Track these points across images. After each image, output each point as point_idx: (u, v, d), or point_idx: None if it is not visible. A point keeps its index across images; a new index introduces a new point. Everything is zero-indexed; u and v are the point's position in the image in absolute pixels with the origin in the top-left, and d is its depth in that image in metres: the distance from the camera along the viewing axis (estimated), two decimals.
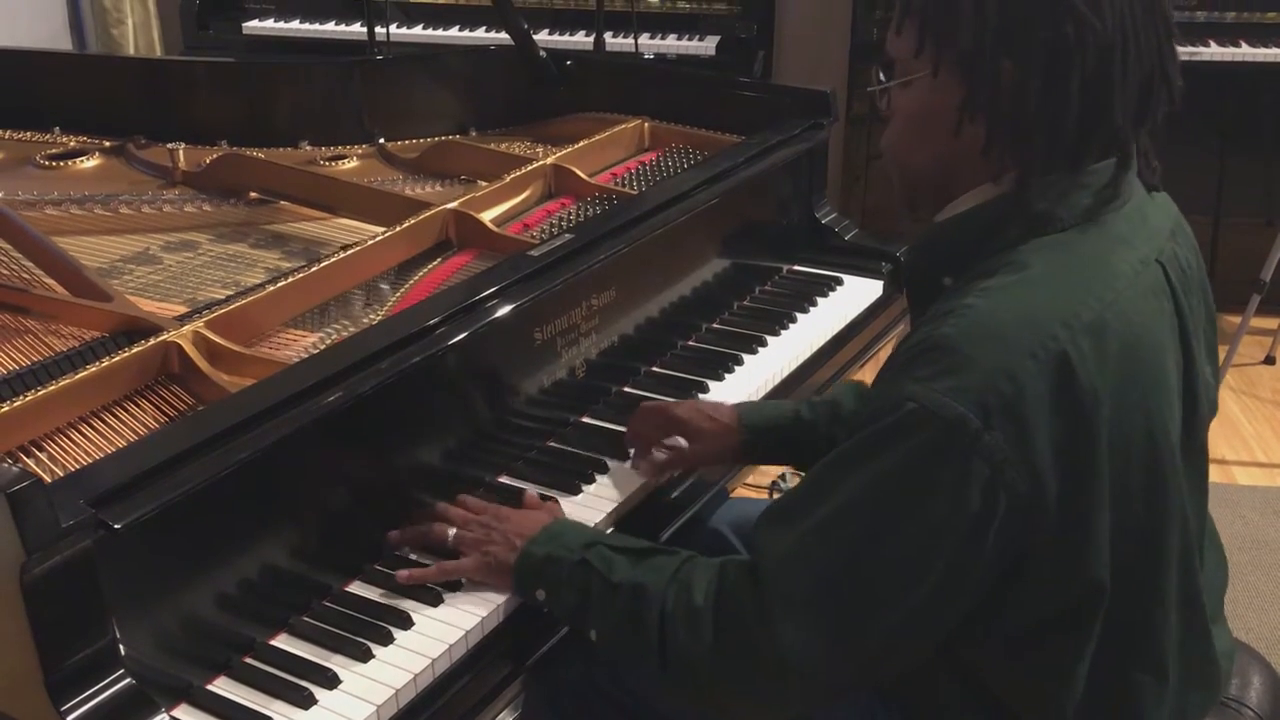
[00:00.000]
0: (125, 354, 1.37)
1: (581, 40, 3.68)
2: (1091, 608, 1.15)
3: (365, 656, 1.22)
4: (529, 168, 1.99)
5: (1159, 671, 1.21)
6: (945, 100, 1.17)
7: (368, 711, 1.16)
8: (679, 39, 3.70)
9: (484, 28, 3.72)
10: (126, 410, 1.34)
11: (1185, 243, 1.27)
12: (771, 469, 2.73)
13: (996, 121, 1.16)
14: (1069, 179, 1.17)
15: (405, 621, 1.27)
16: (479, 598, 1.31)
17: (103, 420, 1.32)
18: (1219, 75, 3.59)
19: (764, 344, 1.89)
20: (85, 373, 1.32)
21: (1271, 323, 3.70)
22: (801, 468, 1.64)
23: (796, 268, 2.15)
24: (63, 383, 1.30)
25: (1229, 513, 2.95)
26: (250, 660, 1.22)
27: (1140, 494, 1.15)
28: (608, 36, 3.22)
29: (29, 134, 2.31)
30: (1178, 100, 1.20)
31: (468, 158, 2.15)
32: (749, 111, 2.19)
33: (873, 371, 1.35)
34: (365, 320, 1.59)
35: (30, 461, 1.25)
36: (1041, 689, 1.19)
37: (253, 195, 2.03)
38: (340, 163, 2.20)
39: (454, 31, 3.75)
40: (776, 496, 1.38)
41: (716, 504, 1.66)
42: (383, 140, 2.31)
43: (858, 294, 2.09)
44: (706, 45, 3.67)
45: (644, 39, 3.61)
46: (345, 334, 1.54)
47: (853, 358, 2.02)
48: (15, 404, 1.26)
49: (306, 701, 1.16)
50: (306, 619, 1.27)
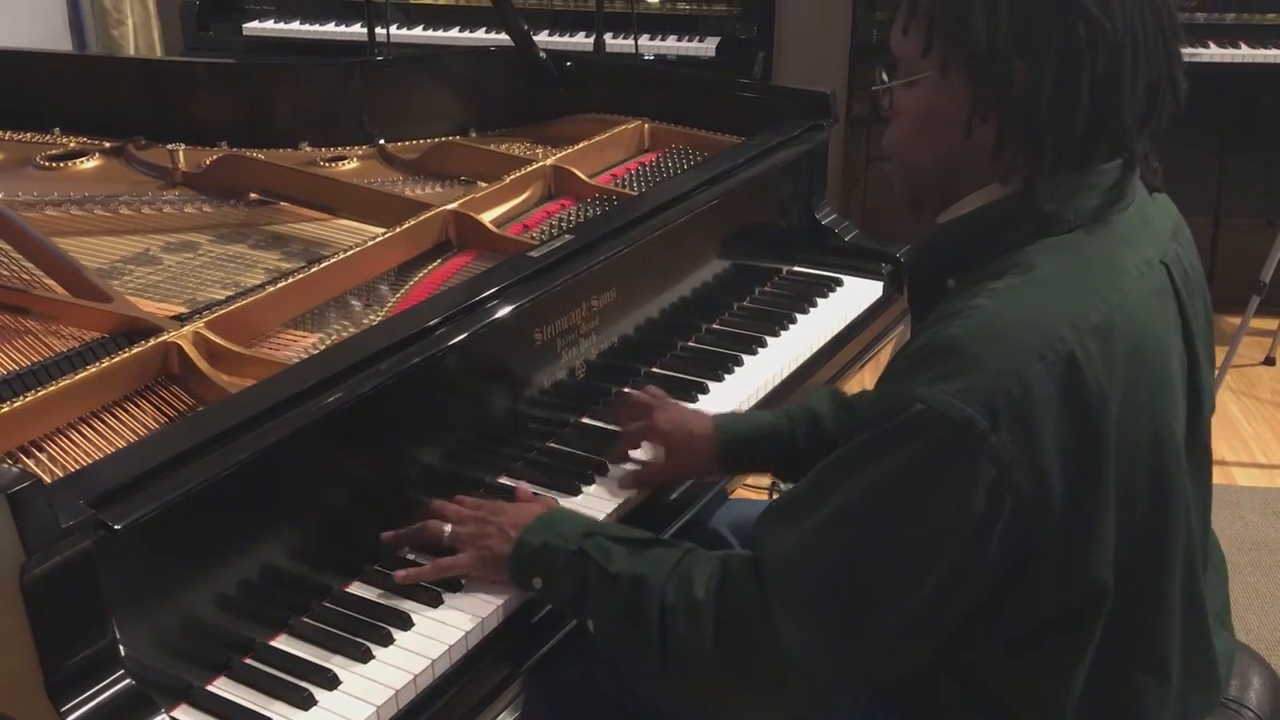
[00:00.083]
0: (125, 354, 1.37)
1: (581, 41, 3.68)
2: (1094, 608, 1.15)
3: (365, 657, 1.22)
4: (529, 169, 1.99)
5: (1161, 673, 1.21)
6: (952, 100, 1.17)
7: (368, 712, 1.16)
8: (679, 40, 3.70)
9: (484, 29, 3.72)
10: (126, 411, 1.34)
11: (1186, 244, 1.28)
12: None
13: (1008, 122, 1.16)
14: (1077, 180, 1.17)
15: (405, 622, 1.27)
16: (479, 599, 1.31)
17: (103, 421, 1.32)
18: (1219, 76, 3.60)
19: (764, 345, 1.89)
20: (85, 373, 1.32)
21: (1271, 324, 3.71)
22: (782, 479, 1.64)
23: (796, 269, 2.15)
24: (63, 383, 1.30)
25: (1228, 514, 2.96)
26: (250, 661, 1.22)
27: (1145, 495, 1.15)
28: (608, 37, 3.22)
29: (29, 135, 2.31)
30: (1182, 102, 1.20)
31: (468, 159, 2.15)
32: (749, 113, 2.19)
33: (872, 372, 1.35)
34: (365, 321, 1.59)
35: (30, 462, 1.25)
36: (1042, 689, 1.19)
37: (253, 196, 2.03)
38: (340, 164, 2.20)
39: (454, 32, 3.75)
40: (776, 497, 1.37)
41: (716, 505, 1.66)
42: (383, 141, 2.31)
43: (857, 295, 2.09)
44: (706, 46, 3.67)
45: (644, 40, 3.61)
46: (345, 335, 1.54)
47: (853, 358, 2.02)
48: (15, 404, 1.26)
49: (306, 702, 1.16)
50: (306, 620, 1.27)
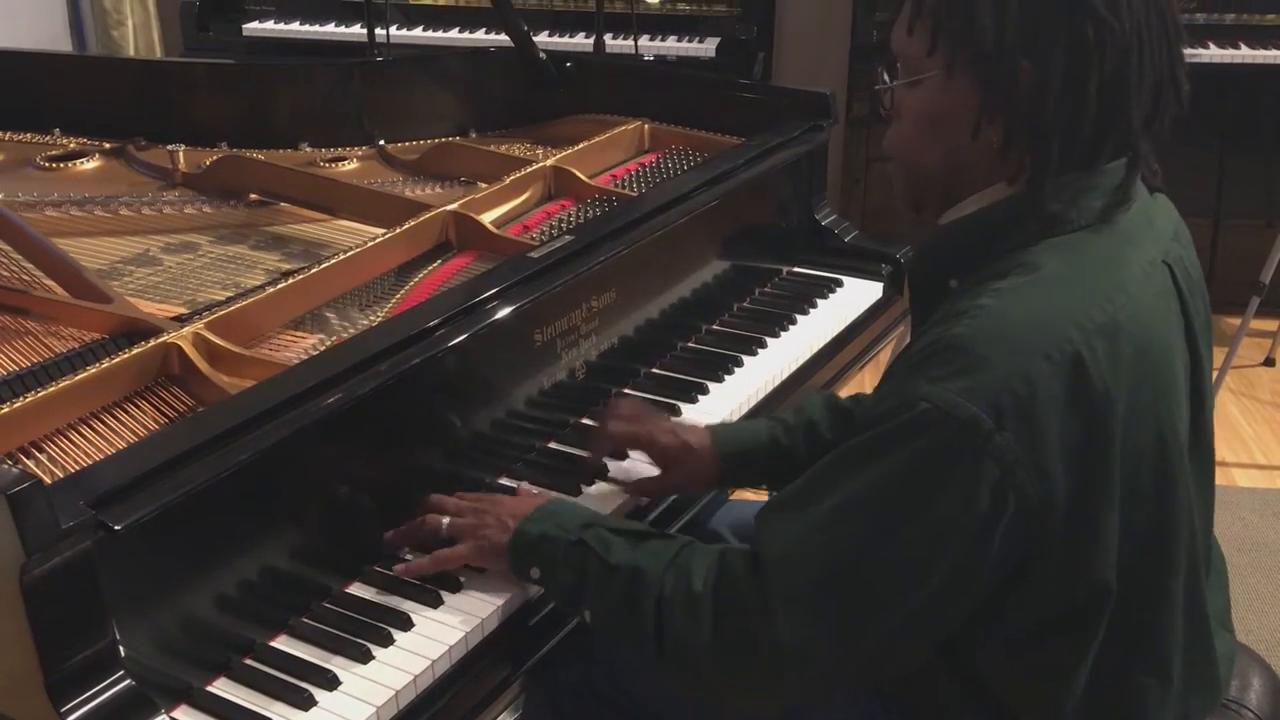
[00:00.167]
0: (125, 355, 1.37)
1: (581, 42, 3.68)
2: (1096, 609, 1.15)
3: (365, 658, 1.22)
4: (529, 169, 1.99)
5: (1163, 673, 1.21)
6: (958, 100, 1.17)
7: (367, 713, 1.16)
8: (679, 41, 3.70)
9: (484, 29, 3.72)
10: (126, 411, 1.34)
11: (1186, 244, 1.28)
12: None
13: (1014, 123, 1.16)
14: (1082, 180, 1.17)
15: (405, 623, 1.27)
16: (478, 600, 1.31)
17: (103, 421, 1.32)
18: (1219, 77, 3.60)
19: (764, 345, 1.89)
20: (85, 374, 1.32)
21: (1271, 324, 3.70)
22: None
23: (796, 269, 2.15)
24: (63, 384, 1.30)
25: (1228, 515, 2.95)
26: (250, 661, 1.22)
27: (1149, 496, 1.15)
28: (608, 38, 3.22)
29: (29, 135, 2.31)
30: (1185, 103, 1.20)
31: (468, 159, 2.15)
32: (749, 113, 2.19)
33: (872, 373, 1.35)
34: (365, 322, 1.59)
35: (30, 463, 1.25)
36: (1043, 690, 1.19)
37: (253, 197, 2.03)
38: (340, 164, 2.20)
39: (454, 33, 3.75)
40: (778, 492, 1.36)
41: (716, 506, 1.66)
42: (383, 142, 2.31)
43: (857, 296, 2.09)
44: (706, 47, 3.67)
45: (644, 41, 3.61)
46: (345, 335, 1.54)
47: (853, 359, 2.02)
48: (15, 405, 1.25)
49: (306, 703, 1.16)
50: (306, 620, 1.27)
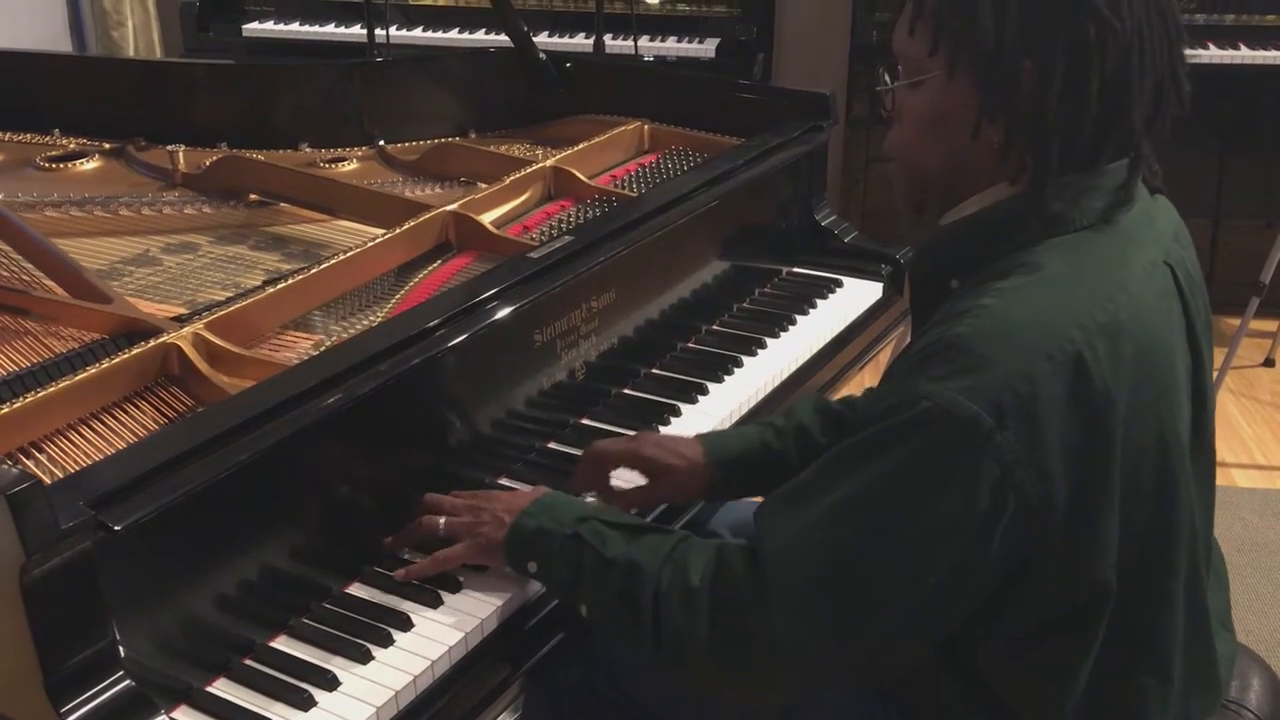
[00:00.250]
0: (125, 356, 1.37)
1: (581, 42, 3.68)
2: (1096, 609, 1.15)
3: (365, 658, 1.22)
4: (529, 170, 1.99)
5: (1163, 674, 1.21)
6: (959, 101, 1.17)
7: (367, 713, 1.16)
8: (679, 41, 3.70)
9: (483, 30, 3.72)
10: (126, 412, 1.34)
11: (1187, 245, 1.28)
12: None
13: (1015, 123, 1.16)
14: (1084, 180, 1.17)
15: (405, 624, 1.27)
16: (478, 600, 1.31)
17: (102, 422, 1.32)
18: (1218, 77, 3.60)
19: (764, 346, 1.89)
20: (85, 374, 1.32)
21: (1271, 325, 3.70)
22: None
23: (796, 270, 2.15)
24: (63, 384, 1.30)
25: (1228, 515, 2.95)
26: (250, 662, 1.22)
27: (1150, 496, 1.15)
28: (607, 39, 3.22)
29: (29, 136, 2.31)
30: (1186, 104, 1.20)
31: (467, 160, 2.15)
32: (749, 114, 2.19)
33: (872, 373, 1.35)
34: (365, 322, 1.59)
35: (30, 463, 1.25)
36: (1043, 690, 1.19)
37: (252, 197, 2.03)
38: (340, 165, 2.20)
39: (454, 34, 3.75)
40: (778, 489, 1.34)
41: (715, 506, 1.66)
42: (382, 142, 2.31)
43: (857, 296, 2.09)
44: (706, 48, 3.67)
45: (644, 41, 3.61)
46: (345, 336, 1.54)
47: (852, 360, 2.01)
48: (15, 405, 1.25)
49: (306, 703, 1.16)
50: (306, 621, 1.27)
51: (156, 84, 2.45)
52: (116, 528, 1.08)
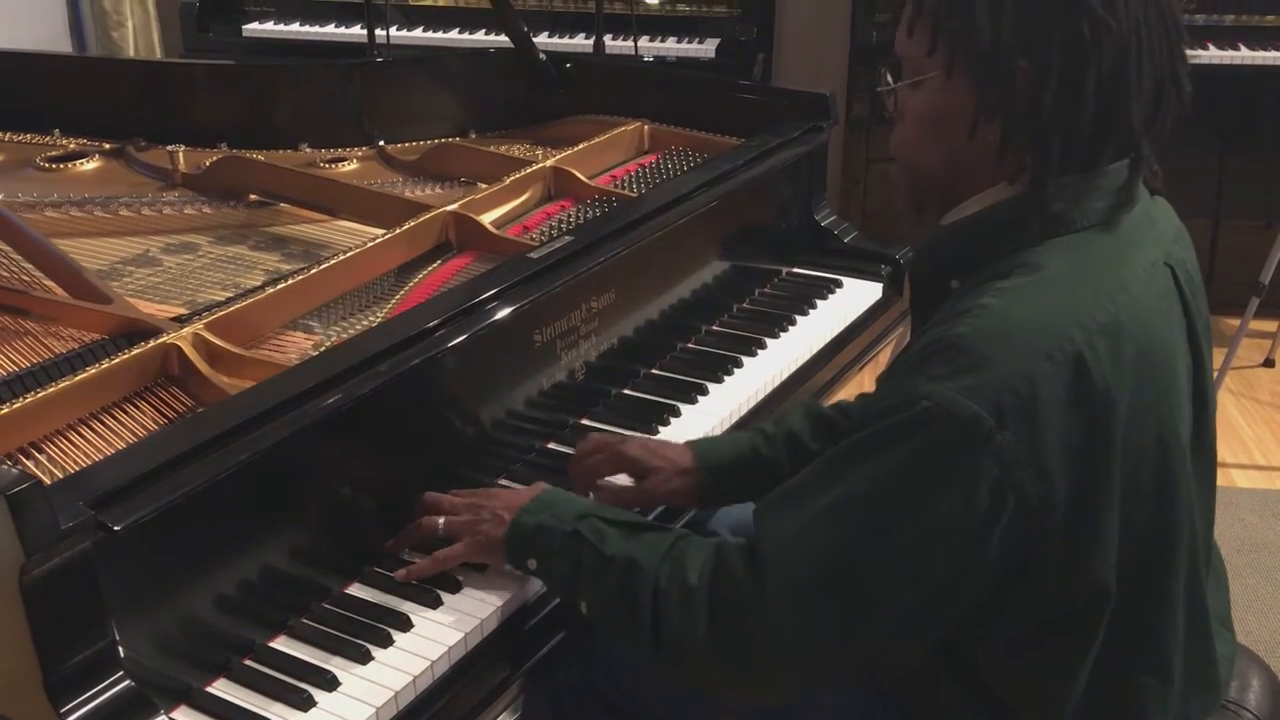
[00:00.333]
0: (125, 356, 1.37)
1: (581, 43, 3.68)
2: (1096, 610, 1.15)
3: (364, 659, 1.22)
4: (529, 170, 1.99)
5: (1163, 674, 1.21)
6: (957, 101, 1.17)
7: (367, 714, 1.16)
8: (679, 42, 3.70)
9: (484, 30, 3.72)
10: (126, 412, 1.34)
11: (1187, 246, 1.28)
12: None
13: (1012, 122, 1.16)
14: (1085, 181, 1.17)
15: (404, 624, 1.27)
16: (478, 600, 1.31)
17: (102, 422, 1.32)
18: (1218, 78, 3.60)
19: (764, 346, 1.89)
20: (85, 375, 1.32)
21: (1270, 325, 3.70)
22: None
23: (796, 270, 2.15)
24: (62, 385, 1.30)
25: (1228, 516, 2.95)
26: (249, 662, 1.22)
27: (1150, 496, 1.15)
28: (607, 39, 3.22)
29: (29, 136, 2.31)
30: (1187, 104, 1.20)
31: (467, 160, 2.15)
32: (749, 114, 2.19)
33: (871, 374, 1.35)
34: (365, 322, 1.59)
35: (30, 463, 1.25)
36: (1043, 690, 1.19)
37: (253, 197, 2.03)
38: (340, 165, 2.20)
39: (454, 34, 3.75)
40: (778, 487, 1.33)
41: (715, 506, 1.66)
42: (382, 142, 2.31)
43: (857, 296, 2.09)
44: (706, 48, 3.67)
45: (644, 41, 3.61)
46: (345, 336, 1.54)
47: (852, 360, 2.02)
48: (15, 406, 1.26)
49: (305, 704, 1.16)
50: (306, 621, 1.27)
51: (156, 84, 2.45)
52: (116, 528, 1.08)
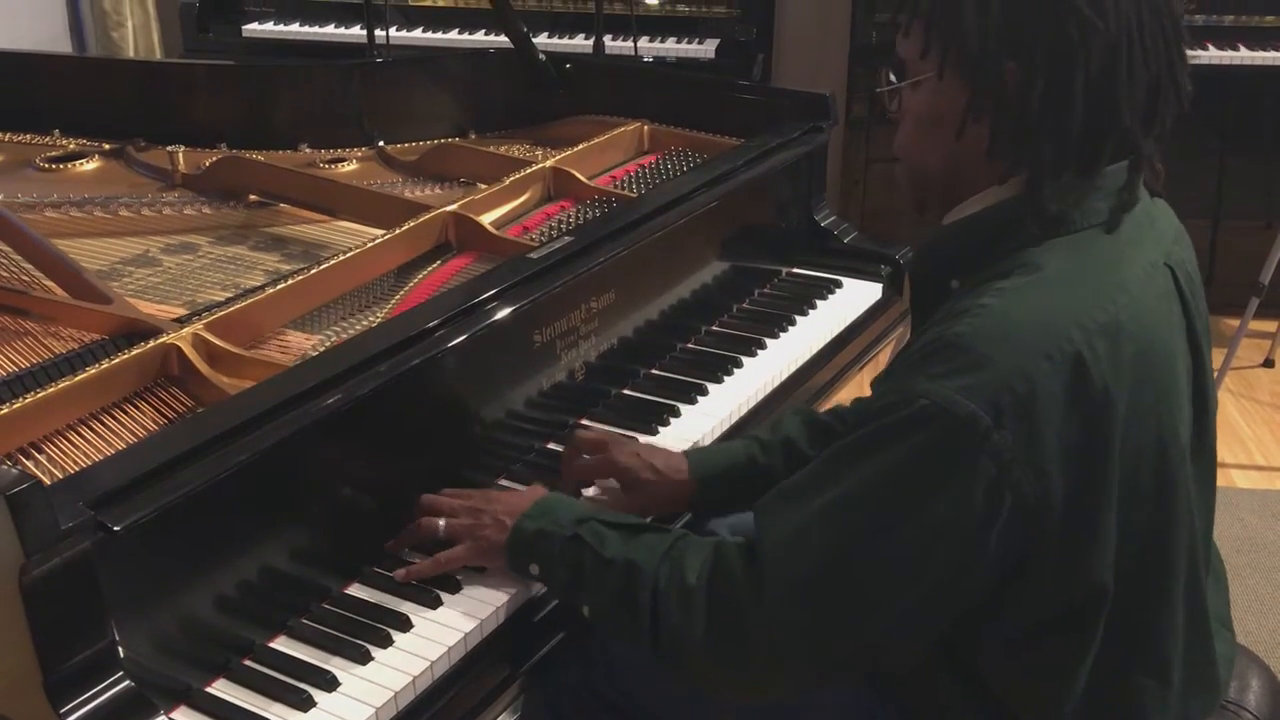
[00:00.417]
0: (125, 356, 1.37)
1: (581, 43, 3.68)
2: (1094, 610, 1.15)
3: (364, 659, 1.22)
4: (528, 170, 1.99)
5: (1162, 674, 1.21)
6: (951, 102, 1.18)
7: (366, 714, 1.16)
8: (678, 42, 3.70)
9: (483, 31, 3.71)
10: (126, 412, 1.34)
11: (1187, 247, 1.28)
12: None
13: (1000, 123, 1.16)
14: (1084, 182, 1.17)
15: (404, 624, 1.27)
16: (477, 601, 1.31)
17: (102, 422, 1.32)
18: (1218, 78, 3.60)
19: (763, 346, 1.89)
20: (85, 375, 1.32)
21: (1270, 325, 3.70)
22: None
23: (796, 270, 2.15)
24: (62, 385, 1.30)
25: (1228, 516, 2.95)
26: (249, 662, 1.22)
27: (1149, 496, 1.15)
28: (607, 39, 3.22)
29: (29, 136, 2.31)
30: (1186, 104, 1.20)
31: (467, 160, 2.15)
32: (748, 114, 2.19)
33: (871, 375, 1.35)
34: (365, 323, 1.59)
35: (30, 464, 1.25)
36: (1042, 690, 1.19)
37: (252, 198, 2.03)
38: (340, 165, 2.20)
39: (453, 34, 3.75)
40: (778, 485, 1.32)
41: None
42: (382, 143, 2.31)
43: (857, 296, 2.09)
44: (706, 48, 3.67)
45: (643, 42, 3.61)
46: (345, 336, 1.54)
47: (852, 360, 2.02)
48: (15, 406, 1.26)
49: (305, 704, 1.16)
50: (305, 621, 1.27)
51: (156, 85, 2.45)
52: (116, 528, 1.08)
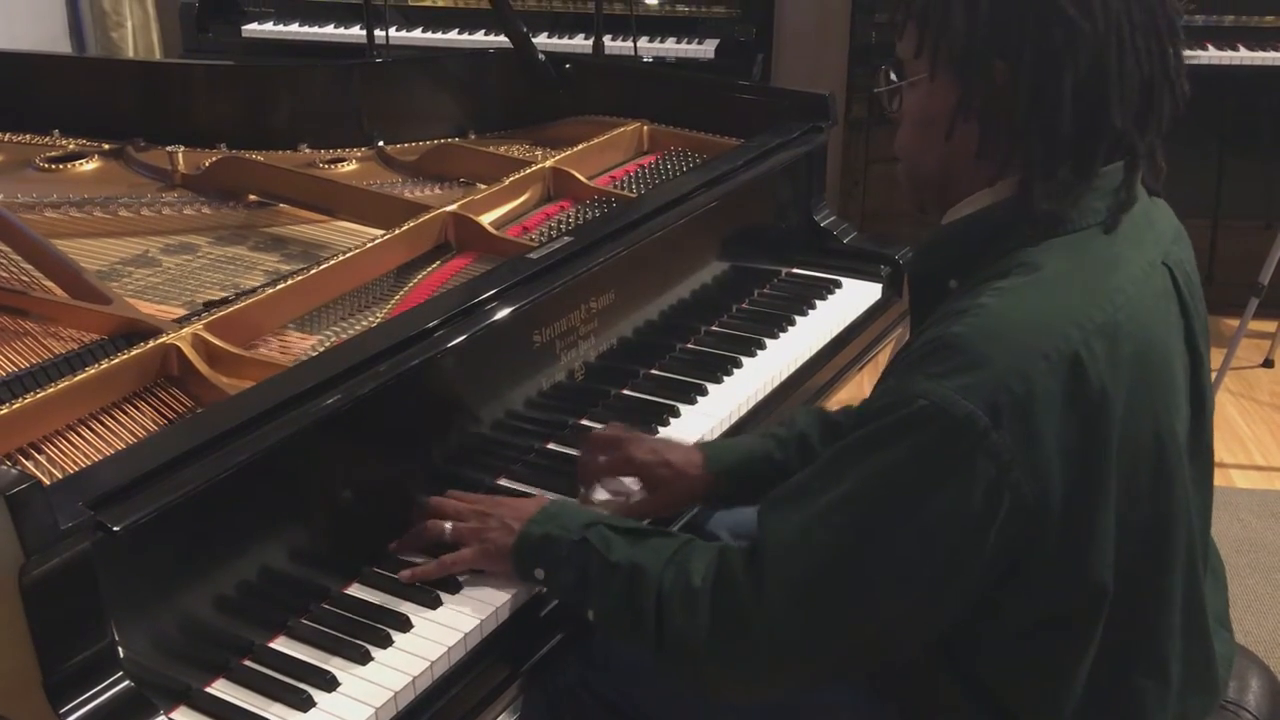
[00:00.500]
0: (124, 356, 1.37)
1: (580, 43, 3.68)
2: (1093, 610, 1.15)
3: (364, 659, 1.22)
4: (528, 171, 1.99)
5: (1161, 674, 1.21)
6: (943, 102, 1.18)
7: (366, 714, 1.16)
8: (678, 42, 3.70)
9: (483, 31, 3.71)
10: (125, 413, 1.34)
11: (1185, 247, 1.28)
12: None
13: (989, 123, 1.16)
14: (1080, 182, 1.17)
15: (404, 624, 1.27)
16: (477, 601, 1.31)
17: (102, 422, 1.32)
18: (1217, 78, 3.60)
19: (763, 347, 1.89)
20: (84, 375, 1.32)
21: (1270, 325, 3.70)
22: None
23: (795, 270, 2.15)
24: (62, 385, 1.30)
25: (1227, 516, 2.96)
26: (249, 663, 1.22)
27: (1147, 496, 1.15)
28: (607, 39, 3.21)
29: (28, 136, 2.31)
30: (1182, 104, 1.19)
31: (467, 160, 2.15)
32: (748, 115, 2.19)
33: (871, 375, 1.35)
34: (364, 323, 1.59)
35: (29, 464, 1.25)
36: (1041, 690, 1.19)
37: (252, 198, 2.03)
38: (339, 165, 2.20)
39: (453, 35, 3.75)
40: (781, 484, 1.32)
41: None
42: (382, 143, 2.31)
43: (856, 297, 2.09)
44: (705, 48, 3.67)
45: (643, 42, 3.61)
46: (344, 336, 1.54)
47: (852, 360, 2.02)
48: (14, 406, 1.26)
49: (305, 704, 1.16)
50: (305, 621, 1.27)
51: (156, 85, 2.45)
52: (115, 528, 1.08)
